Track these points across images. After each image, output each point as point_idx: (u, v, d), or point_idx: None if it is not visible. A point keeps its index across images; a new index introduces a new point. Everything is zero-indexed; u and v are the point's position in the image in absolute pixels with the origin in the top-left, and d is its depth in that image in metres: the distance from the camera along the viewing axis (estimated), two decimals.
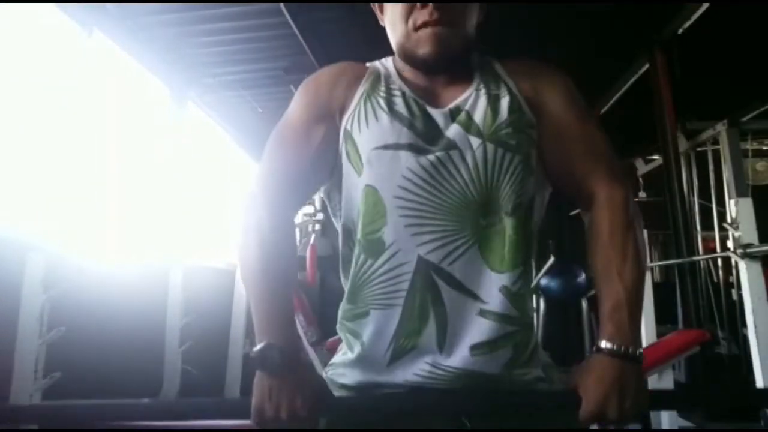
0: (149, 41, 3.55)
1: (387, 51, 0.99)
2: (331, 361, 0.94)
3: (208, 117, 4.83)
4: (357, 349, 0.87)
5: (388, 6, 0.93)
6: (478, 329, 0.82)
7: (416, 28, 0.88)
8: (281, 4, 3.20)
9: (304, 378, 0.80)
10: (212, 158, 5.08)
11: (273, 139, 0.95)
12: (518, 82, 0.92)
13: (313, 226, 4.89)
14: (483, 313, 0.82)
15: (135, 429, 2.44)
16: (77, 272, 2.46)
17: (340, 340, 0.95)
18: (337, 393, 0.88)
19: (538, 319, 4.25)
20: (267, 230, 0.87)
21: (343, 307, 0.91)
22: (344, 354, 0.91)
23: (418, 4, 0.86)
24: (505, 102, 0.89)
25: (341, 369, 0.91)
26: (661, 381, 2.87)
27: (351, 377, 0.89)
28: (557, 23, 3.66)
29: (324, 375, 0.92)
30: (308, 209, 5.16)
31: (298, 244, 0.90)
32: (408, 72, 0.95)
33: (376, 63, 0.99)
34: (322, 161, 0.92)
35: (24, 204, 2.51)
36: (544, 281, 4.25)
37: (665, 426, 2.83)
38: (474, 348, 0.82)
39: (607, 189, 0.89)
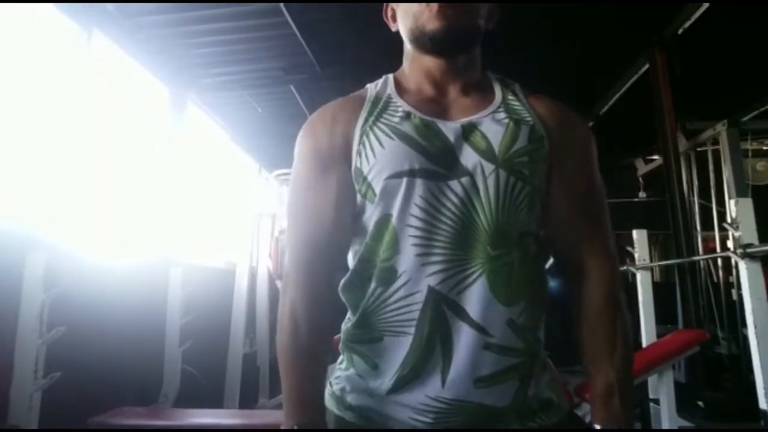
0: (149, 41, 3.55)
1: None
2: (335, 375, 0.94)
3: (208, 117, 4.83)
4: (362, 370, 0.89)
5: (399, 7, 0.93)
6: (484, 363, 0.82)
7: (428, 7, 0.86)
8: (281, 4, 3.20)
9: None
10: (212, 158, 5.08)
11: (290, 202, 0.93)
12: (543, 116, 0.90)
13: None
14: (489, 347, 0.82)
15: (135, 429, 2.45)
16: (77, 272, 2.46)
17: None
18: (341, 413, 0.90)
19: None
20: (300, 314, 0.87)
21: (351, 330, 0.91)
22: (347, 370, 0.92)
23: None
24: (526, 129, 0.87)
25: (345, 384, 0.91)
26: (661, 381, 2.87)
27: (355, 399, 0.89)
28: (557, 23, 3.66)
29: (328, 388, 0.93)
30: None
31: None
32: (415, 82, 0.93)
33: (374, 85, 0.95)
34: (343, 209, 0.89)
35: (24, 203, 2.51)
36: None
37: (665, 426, 2.84)
38: (478, 381, 0.82)
39: (597, 262, 0.88)
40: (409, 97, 0.91)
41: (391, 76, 0.96)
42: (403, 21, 0.91)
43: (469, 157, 0.84)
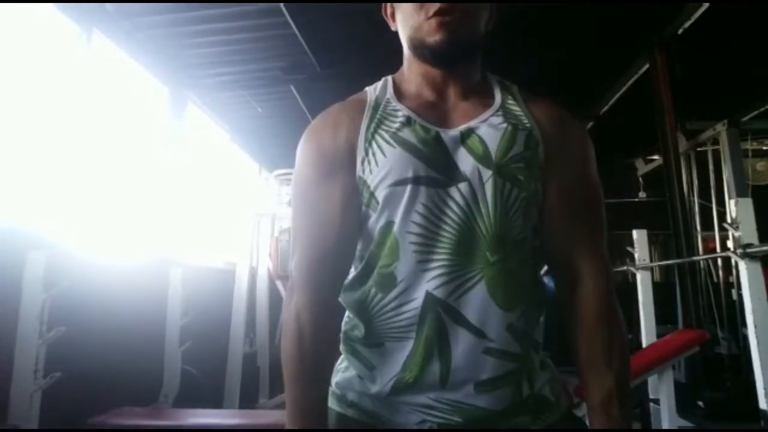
0: (148, 41, 3.55)
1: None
2: (336, 376, 0.95)
3: (208, 117, 4.83)
4: (363, 372, 0.90)
5: (398, 7, 0.92)
6: (484, 367, 0.82)
7: (428, 17, 0.86)
8: (281, 4, 3.20)
9: None
10: (212, 158, 5.08)
11: (296, 208, 0.92)
12: (540, 121, 0.89)
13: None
14: (488, 351, 0.82)
15: (135, 429, 2.45)
16: (77, 272, 2.46)
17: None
18: (342, 410, 0.91)
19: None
20: (305, 320, 0.86)
21: (351, 333, 0.92)
22: (347, 371, 0.93)
23: (430, 4, 0.85)
24: (523, 136, 0.87)
25: (346, 385, 0.92)
26: (661, 381, 2.87)
27: (356, 397, 0.90)
28: (558, 23, 3.67)
29: (330, 387, 0.93)
30: None
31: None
32: (414, 86, 0.92)
33: (373, 88, 0.95)
34: (350, 213, 0.88)
35: (25, 203, 2.51)
36: (543, 281, 4.25)
37: (665, 426, 2.84)
38: (478, 385, 0.83)
39: (593, 268, 0.88)
40: (409, 102, 0.90)
41: (390, 79, 0.96)
42: (403, 28, 0.91)
43: (466, 163, 0.84)
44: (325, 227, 0.88)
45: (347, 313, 0.94)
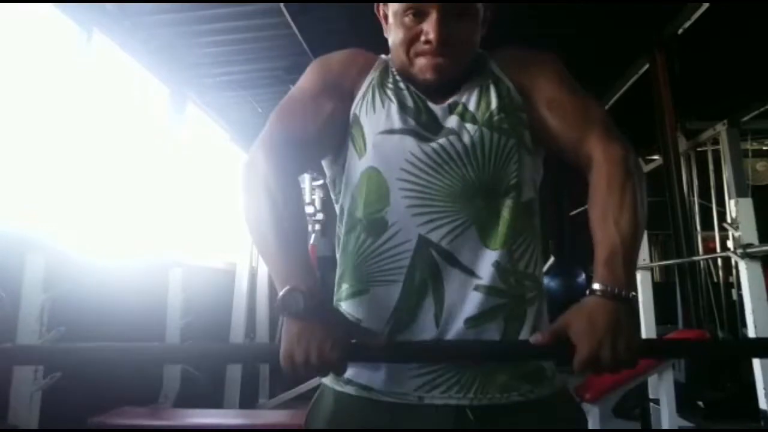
0: (149, 41, 3.55)
1: (386, 51, 0.99)
2: None
3: (208, 117, 4.83)
4: None
5: (391, 25, 0.94)
6: (472, 303, 0.85)
7: (417, 55, 0.90)
8: (281, 4, 3.20)
9: (332, 321, 0.80)
10: (212, 158, 5.08)
11: (277, 110, 0.95)
12: (507, 69, 0.95)
13: (313, 226, 4.89)
14: (477, 288, 0.85)
15: (135, 429, 2.45)
16: (77, 272, 2.46)
17: None
18: (341, 388, 0.89)
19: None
20: (275, 188, 0.85)
21: (339, 286, 0.93)
22: None
23: (421, 36, 0.88)
24: (493, 90, 0.93)
25: None
26: (661, 381, 2.87)
27: (353, 373, 0.87)
28: (557, 23, 3.66)
29: None
30: (308, 209, 5.17)
31: None
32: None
33: (384, 56, 1.01)
34: (329, 134, 0.93)
35: (24, 204, 2.51)
36: (544, 281, 4.25)
37: (665, 426, 2.83)
38: (468, 321, 0.84)
39: (604, 148, 0.89)
40: (408, 77, 0.96)
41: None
42: (393, 53, 0.95)
43: (454, 123, 0.91)
44: (303, 124, 0.92)
45: (336, 277, 0.94)
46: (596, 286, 0.78)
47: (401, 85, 0.95)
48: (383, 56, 1.00)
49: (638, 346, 0.76)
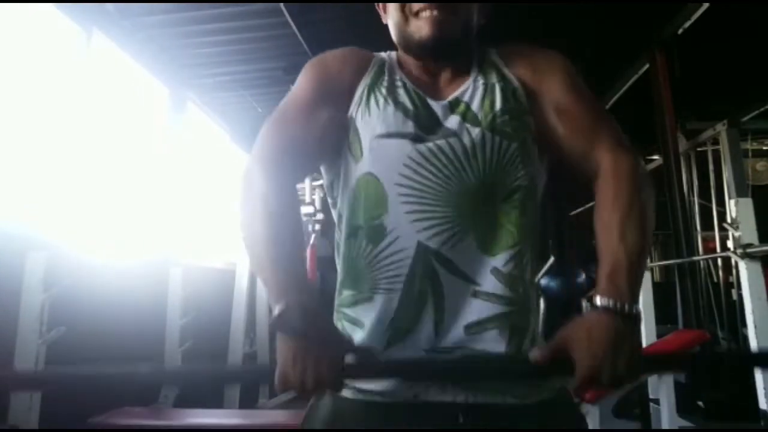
0: (149, 41, 3.55)
1: (387, 50, 0.99)
2: None
3: (207, 117, 4.83)
4: (358, 336, 0.87)
5: (388, 8, 0.94)
6: (472, 309, 0.83)
7: (414, 13, 0.88)
8: (281, 4, 3.20)
9: (327, 339, 0.78)
10: (212, 158, 5.08)
11: (276, 113, 0.93)
12: (514, 68, 0.93)
13: (313, 226, 4.90)
14: (476, 294, 0.84)
15: (135, 429, 2.45)
16: (77, 272, 2.46)
17: None
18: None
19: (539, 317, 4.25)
20: (272, 199, 0.85)
21: (341, 293, 0.91)
22: None
23: None
24: (499, 90, 0.90)
25: None
26: (661, 381, 2.87)
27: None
28: (557, 23, 3.66)
29: None
30: (308, 209, 5.16)
31: None
32: (411, 64, 0.95)
33: (381, 53, 0.99)
34: (327, 141, 0.91)
35: (25, 204, 2.51)
36: (544, 281, 4.25)
37: (665, 426, 2.83)
38: (468, 327, 0.83)
39: (611, 157, 0.87)
40: (407, 72, 0.95)
41: (393, 53, 0.99)
42: (392, 23, 0.93)
43: (455, 124, 0.88)
44: (302, 132, 0.90)
45: (338, 283, 0.93)
46: (598, 300, 0.77)
47: (398, 81, 0.92)
48: (381, 54, 0.99)
49: (639, 363, 0.75)
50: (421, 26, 0.88)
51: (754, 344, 2.35)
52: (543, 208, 0.98)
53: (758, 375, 2.30)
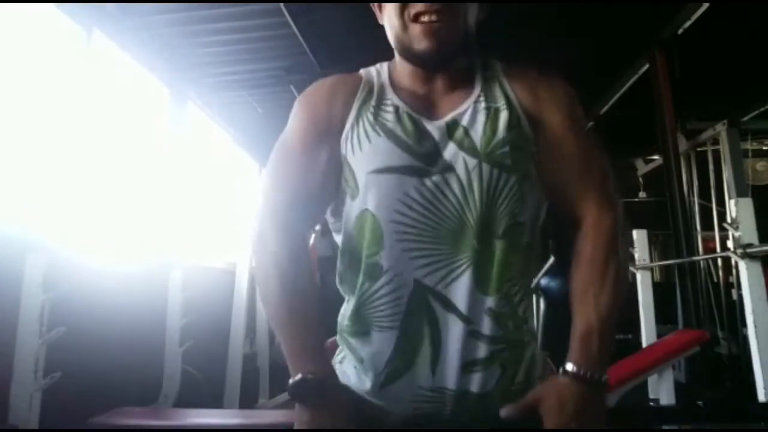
0: (149, 41, 3.55)
1: (387, 51, 0.98)
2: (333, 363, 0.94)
3: (208, 117, 4.83)
4: (355, 364, 0.89)
5: (385, 3, 0.91)
6: (468, 350, 0.83)
7: (412, 20, 0.85)
8: (281, 4, 3.20)
9: (342, 405, 0.82)
10: (212, 158, 5.08)
11: (275, 163, 0.93)
12: (519, 93, 0.90)
13: (314, 227, 4.90)
14: (473, 334, 0.83)
15: (135, 429, 2.45)
16: (77, 272, 2.46)
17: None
18: None
19: (538, 321, 4.25)
20: (285, 264, 0.86)
21: (344, 320, 0.92)
22: (341, 363, 0.92)
23: None
24: (503, 117, 0.87)
25: (343, 378, 0.91)
26: (661, 381, 2.87)
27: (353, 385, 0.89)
28: (557, 23, 3.66)
29: None
30: None
31: None
32: (406, 78, 0.93)
33: (371, 71, 0.96)
34: (329, 182, 0.90)
35: (24, 204, 2.51)
36: (544, 281, 4.25)
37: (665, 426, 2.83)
38: (464, 368, 0.83)
39: (596, 214, 0.89)
40: (401, 91, 0.92)
41: (385, 65, 0.97)
42: (389, 28, 0.91)
43: (452, 154, 0.85)
44: (307, 187, 0.90)
45: (344, 304, 0.94)
46: (569, 366, 0.81)
47: (388, 106, 0.89)
48: (371, 70, 0.96)
49: (602, 428, 0.80)
50: (420, 37, 0.85)
51: (754, 344, 2.35)
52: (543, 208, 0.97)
53: (758, 375, 2.30)
